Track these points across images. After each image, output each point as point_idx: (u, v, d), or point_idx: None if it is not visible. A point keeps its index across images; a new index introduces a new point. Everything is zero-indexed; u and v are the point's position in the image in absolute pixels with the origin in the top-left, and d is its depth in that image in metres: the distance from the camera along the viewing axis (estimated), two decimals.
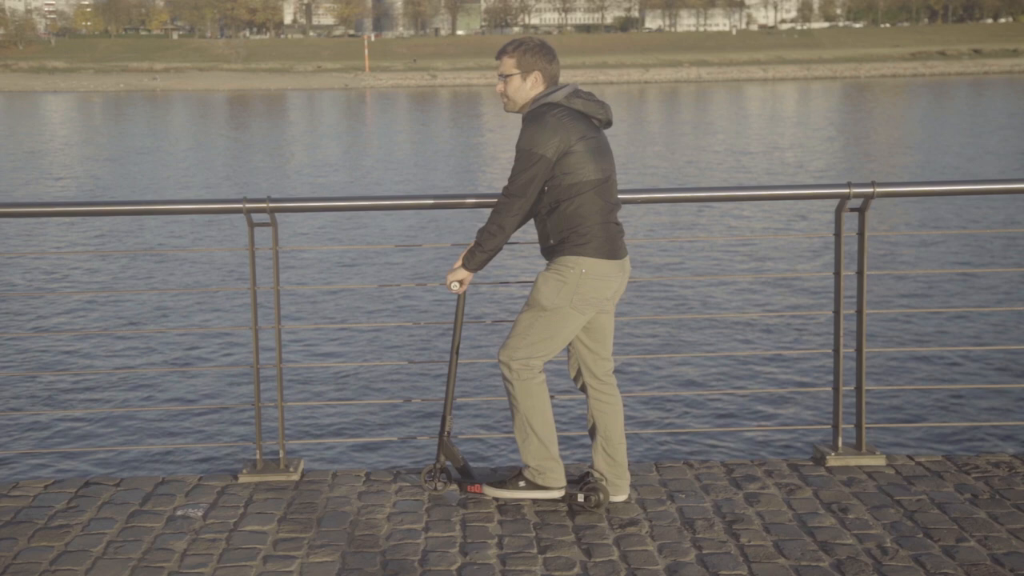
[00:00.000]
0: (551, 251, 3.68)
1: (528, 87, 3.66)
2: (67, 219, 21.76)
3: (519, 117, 3.73)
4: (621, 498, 3.89)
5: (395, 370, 11.74)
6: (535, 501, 3.92)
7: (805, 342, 12.61)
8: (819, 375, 11.09)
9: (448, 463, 3.98)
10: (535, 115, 3.57)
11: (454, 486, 4.00)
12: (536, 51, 3.65)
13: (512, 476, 3.88)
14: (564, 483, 3.84)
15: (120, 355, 12.68)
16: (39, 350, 12.81)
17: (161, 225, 21.67)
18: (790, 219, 21.60)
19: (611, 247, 3.65)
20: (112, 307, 14.83)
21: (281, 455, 4.26)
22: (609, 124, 3.69)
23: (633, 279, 4.02)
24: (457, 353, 3.93)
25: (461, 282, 3.78)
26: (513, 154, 3.66)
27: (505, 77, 3.68)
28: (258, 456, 4.28)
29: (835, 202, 4.27)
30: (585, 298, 3.64)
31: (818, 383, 10.75)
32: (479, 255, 3.70)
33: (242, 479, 4.19)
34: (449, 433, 3.93)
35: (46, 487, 4.15)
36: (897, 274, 13.55)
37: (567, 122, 3.54)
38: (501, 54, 3.70)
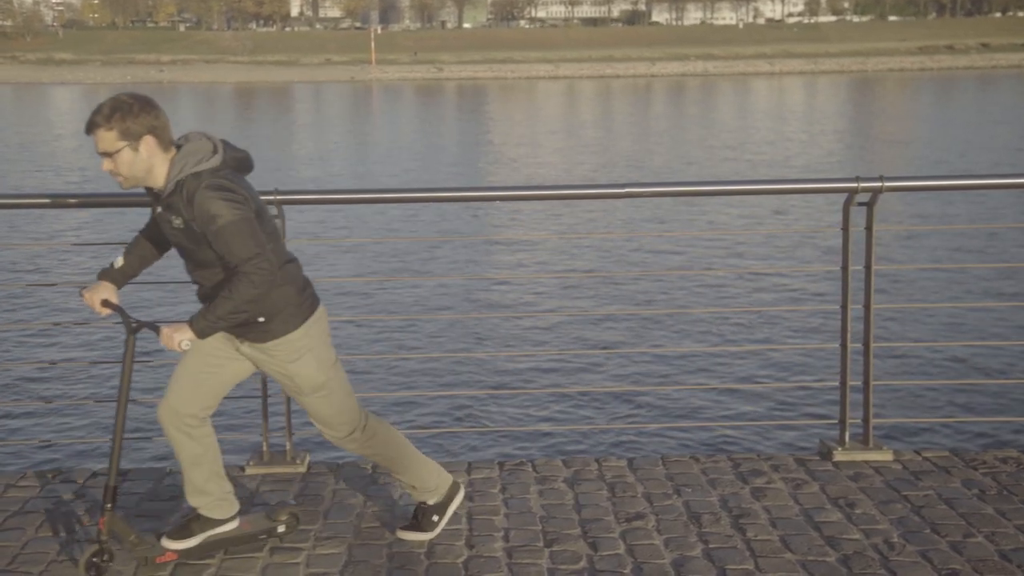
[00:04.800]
0: (267, 332, 3.23)
1: (144, 156, 3.06)
2: (72, 210, 21.79)
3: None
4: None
5: (401, 362, 11.74)
6: (540, 493, 3.92)
7: (812, 337, 12.58)
8: (826, 370, 11.06)
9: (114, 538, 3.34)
10: (201, 187, 3.02)
11: (123, 565, 3.38)
12: (138, 112, 3.04)
13: (423, 515, 3.57)
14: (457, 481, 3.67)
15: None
16: (47, 342, 12.83)
17: None
18: (798, 213, 21.56)
19: (314, 292, 3.38)
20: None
21: (288, 447, 4.27)
22: (252, 170, 3.26)
23: (637, 274, 4.01)
24: (127, 402, 3.27)
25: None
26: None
27: (111, 155, 3.05)
28: (264, 448, 4.28)
29: (843, 196, 4.25)
30: (329, 340, 3.39)
31: (825, 378, 10.73)
32: (218, 326, 3.12)
33: (249, 471, 4.19)
34: (114, 503, 3.26)
35: (53, 477, 4.17)
36: (905, 269, 13.50)
37: (239, 184, 3.10)
38: (93, 128, 3.05)
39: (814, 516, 3.71)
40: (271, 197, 4.11)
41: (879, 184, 4.15)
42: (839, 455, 4.25)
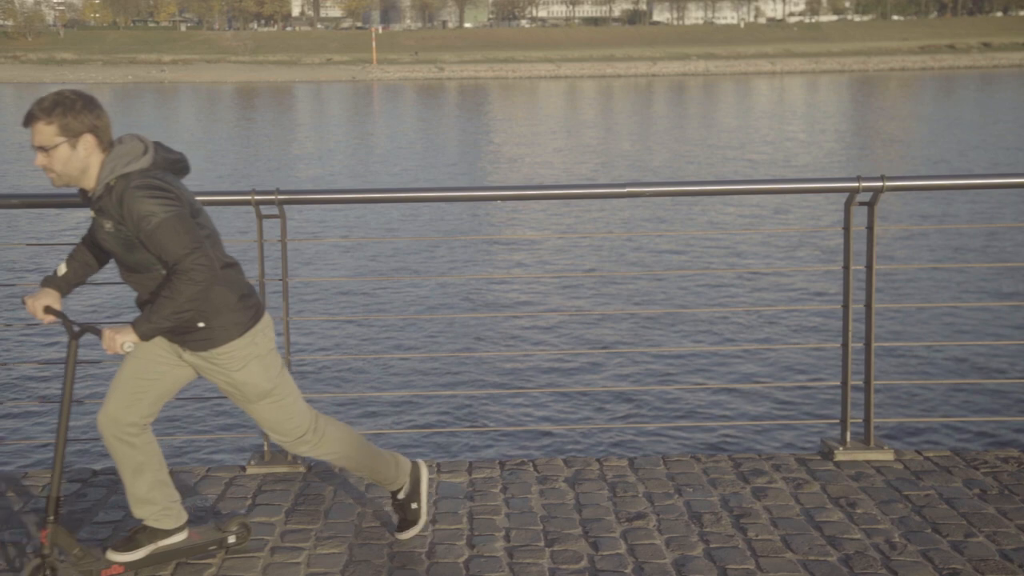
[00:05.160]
0: (208, 340, 3.14)
1: (82, 155, 2.99)
2: (72, 210, 21.79)
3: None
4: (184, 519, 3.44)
5: (403, 362, 11.75)
6: (541, 493, 3.92)
7: (813, 336, 12.58)
8: (827, 369, 11.07)
9: (59, 551, 3.24)
10: (130, 188, 2.94)
11: None
12: (80, 109, 2.97)
13: (402, 509, 3.57)
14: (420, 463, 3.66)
15: None
16: (44, 341, 12.84)
17: None
18: (799, 213, 21.55)
19: (258, 299, 3.28)
20: (119, 299, 14.86)
21: None
22: (188, 172, 3.21)
23: (638, 274, 4.00)
24: (69, 408, 3.17)
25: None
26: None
27: (47, 149, 2.96)
28: (266, 447, 4.28)
29: (844, 196, 4.25)
30: (275, 347, 3.31)
31: (826, 377, 10.73)
32: (162, 327, 3.02)
33: (250, 471, 4.19)
34: (59, 513, 3.13)
35: None
36: (906, 268, 13.51)
37: (171, 183, 3.03)
38: (32, 120, 2.96)
39: (815, 516, 3.71)
40: (272, 197, 4.11)
41: (880, 184, 4.14)
42: (840, 455, 4.25)
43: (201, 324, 3.12)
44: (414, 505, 3.56)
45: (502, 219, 21.80)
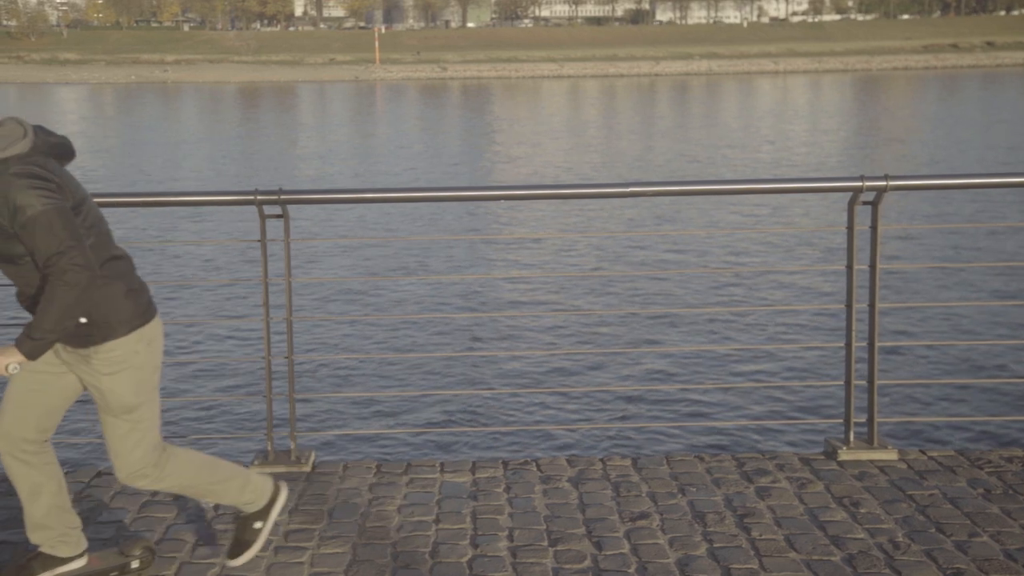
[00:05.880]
0: (88, 336, 2.91)
1: None
2: None
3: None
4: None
5: (406, 362, 11.75)
6: (545, 492, 3.92)
7: (817, 336, 12.57)
8: (831, 369, 11.06)
9: None
10: (7, 175, 2.75)
11: None
12: None
13: (242, 527, 3.32)
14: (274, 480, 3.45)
15: None
16: None
17: (171, 217, 21.72)
18: (802, 212, 21.53)
19: (151, 299, 3.06)
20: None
21: (292, 447, 4.27)
22: (73, 157, 3.01)
23: (641, 273, 3.99)
24: None
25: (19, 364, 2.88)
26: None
27: None
28: (269, 448, 4.28)
29: (848, 195, 4.24)
30: (159, 365, 3.07)
31: (830, 377, 10.72)
32: (49, 340, 2.81)
33: (253, 471, 4.19)
34: None
35: None
36: (910, 268, 13.49)
37: (52, 171, 2.82)
38: None
39: (819, 515, 3.70)
40: (275, 197, 4.11)
41: (884, 183, 4.14)
42: (844, 454, 4.24)
43: (83, 319, 2.89)
44: (257, 524, 3.30)
45: (504, 219, 21.81)
